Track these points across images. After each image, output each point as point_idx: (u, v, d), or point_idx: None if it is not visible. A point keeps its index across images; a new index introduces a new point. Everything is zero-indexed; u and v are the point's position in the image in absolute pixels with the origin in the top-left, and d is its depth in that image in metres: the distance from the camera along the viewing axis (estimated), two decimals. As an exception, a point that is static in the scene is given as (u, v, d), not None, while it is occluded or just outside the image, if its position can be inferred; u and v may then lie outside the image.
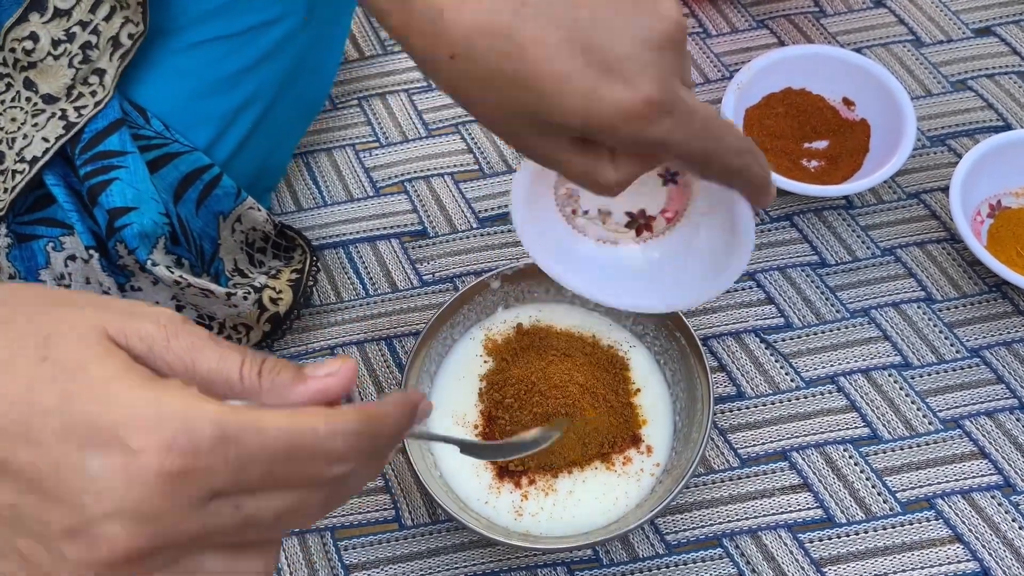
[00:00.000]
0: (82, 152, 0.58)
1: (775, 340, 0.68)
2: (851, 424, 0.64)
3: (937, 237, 0.72)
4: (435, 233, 0.74)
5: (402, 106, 0.81)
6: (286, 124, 0.71)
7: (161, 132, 0.61)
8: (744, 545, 0.60)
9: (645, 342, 0.65)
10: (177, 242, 0.61)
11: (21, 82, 0.57)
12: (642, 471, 0.60)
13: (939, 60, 0.81)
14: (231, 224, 0.65)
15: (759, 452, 0.64)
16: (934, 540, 0.60)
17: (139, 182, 0.58)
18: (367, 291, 0.72)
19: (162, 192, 0.60)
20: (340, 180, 0.77)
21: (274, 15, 0.65)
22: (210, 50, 0.63)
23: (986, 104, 0.79)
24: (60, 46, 0.57)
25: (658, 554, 0.60)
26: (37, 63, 0.57)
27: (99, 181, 0.57)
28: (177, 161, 0.61)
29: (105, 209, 0.57)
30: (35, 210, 0.59)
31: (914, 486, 0.62)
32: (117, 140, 0.58)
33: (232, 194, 0.64)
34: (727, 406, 0.65)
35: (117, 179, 0.58)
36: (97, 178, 0.57)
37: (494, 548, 0.61)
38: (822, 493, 0.62)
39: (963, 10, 0.84)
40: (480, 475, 0.60)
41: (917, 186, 0.75)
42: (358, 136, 0.80)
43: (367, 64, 0.84)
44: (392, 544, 0.61)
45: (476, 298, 0.65)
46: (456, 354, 0.64)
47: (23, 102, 0.57)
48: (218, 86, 0.63)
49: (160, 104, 0.62)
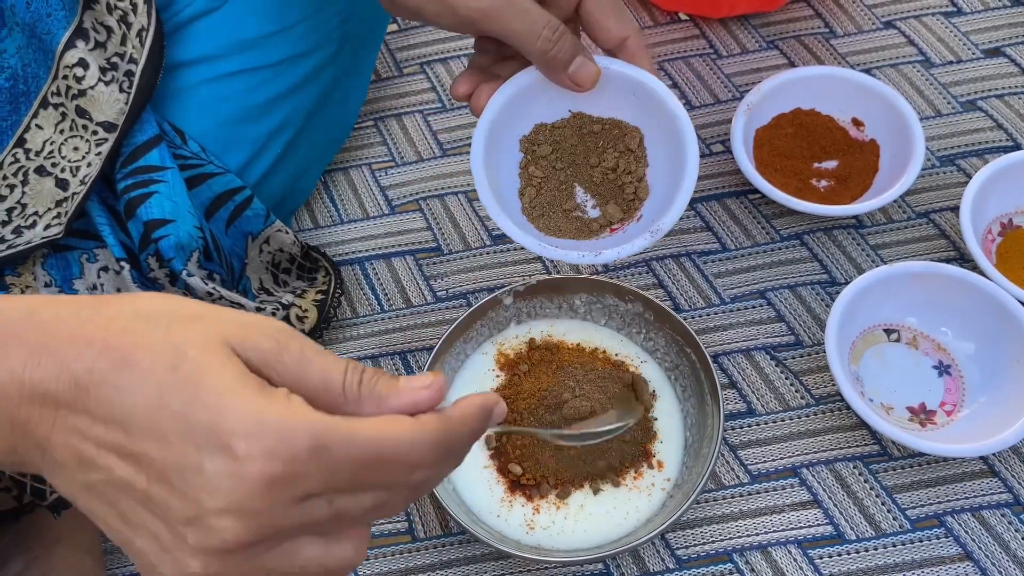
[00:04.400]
0: (122, 167, 0.60)
1: (785, 357, 0.69)
2: (861, 441, 0.65)
3: (946, 256, 0.73)
4: (449, 250, 0.76)
5: (417, 126, 0.83)
6: (314, 150, 0.74)
7: (197, 153, 0.63)
8: (754, 561, 0.61)
9: (656, 357, 0.65)
10: (209, 257, 0.62)
11: (74, 110, 0.59)
12: (653, 486, 0.60)
13: (948, 81, 0.82)
14: (259, 245, 0.67)
15: (769, 468, 0.64)
16: (944, 557, 0.60)
17: (177, 196, 0.60)
18: (382, 307, 0.73)
19: (195, 210, 0.62)
20: (356, 198, 0.79)
21: (307, 48, 0.67)
22: (245, 79, 0.65)
23: (995, 124, 0.79)
24: (108, 73, 0.59)
25: (668, 569, 0.61)
26: (87, 91, 0.59)
27: (139, 195, 0.59)
28: (211, 181, 0.63)
29: (142, 221, 0.59)
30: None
31: (924, 503, 0.62)
32: (157, 156, 0.60)
33: (262, 216, 0.66)
34: (737, 422, 0.66)
35: (156, 192, 0.59)
36: (136, 191, 0.59)
37: (506, 561, 0.61)
38: (832, 510, 0.62)
39: (973, 31, 0.85)
40: (492, 488, 0.60)
41: (926, 206, 0.75)
42: (374, 156, 0.81)
43: (384, 85, 0.86)
44: (405, 556, 0.62)
45: (489, 314, 0.66)
46: (469, 368, 0.65)
47: (81, 130, 0.59)
48: (251, 113, 0.66)
49: (196, 127, 0.64)
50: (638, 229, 0.56)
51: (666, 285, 0.73)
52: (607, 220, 0.57)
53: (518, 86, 0.56)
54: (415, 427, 0.34)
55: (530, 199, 0.58)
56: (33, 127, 0.61)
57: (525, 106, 0.56)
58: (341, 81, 0.72)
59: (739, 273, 0.73)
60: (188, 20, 0.64)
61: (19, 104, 0.61)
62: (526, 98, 0.56)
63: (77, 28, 0.59)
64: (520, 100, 0.56)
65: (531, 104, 0.56)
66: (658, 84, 0.55)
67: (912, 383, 0.66)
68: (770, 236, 0.75)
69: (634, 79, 0.55)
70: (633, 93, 0.56)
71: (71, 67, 0.59)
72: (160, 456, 0.32)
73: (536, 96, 0.56)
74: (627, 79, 0.55)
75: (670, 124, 0.55)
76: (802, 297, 0.71)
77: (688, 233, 0.75)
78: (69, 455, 0.34)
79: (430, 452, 0.35)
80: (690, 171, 0.55)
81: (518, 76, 0.56)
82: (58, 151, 0.60)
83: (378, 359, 0.70)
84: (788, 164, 0.75)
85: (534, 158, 0.58)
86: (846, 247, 0.74)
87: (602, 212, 0.58)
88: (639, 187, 0.57)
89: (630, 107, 0.57)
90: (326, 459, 0.32)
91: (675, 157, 0.56)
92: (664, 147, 0.57)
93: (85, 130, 0.59)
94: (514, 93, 0.56)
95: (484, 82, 0.56)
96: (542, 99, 0.56)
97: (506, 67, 0.56)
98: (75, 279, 0.60)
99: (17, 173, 0.60)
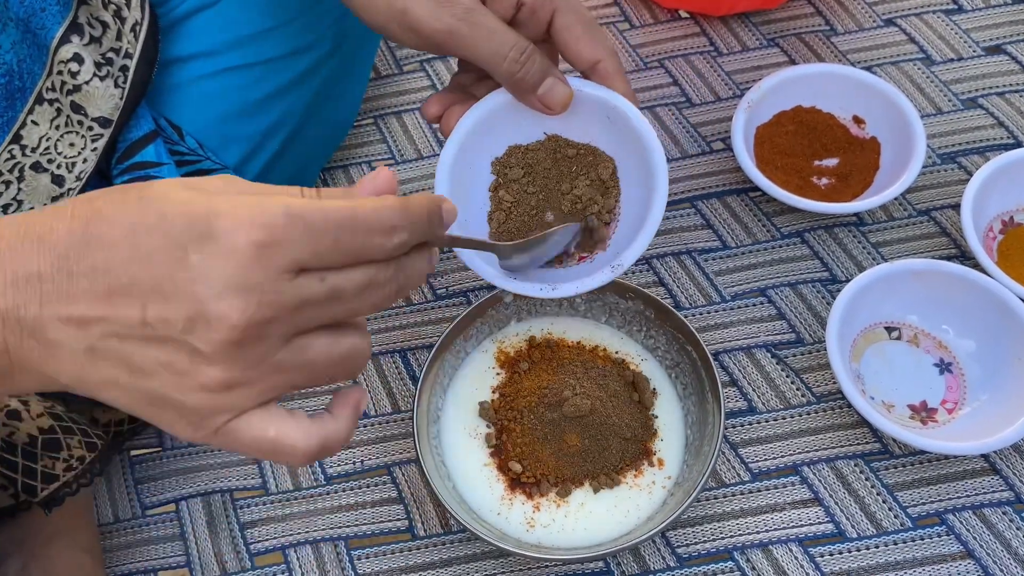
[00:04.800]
0: (118, 163, 0.59)
1: (786, 355, 0.69)
2: (862, 439, 0.65)
3: (947, 254, 0.72)
4: (449, 248, 0.75)
5: (417, 124, 0.83)
6: (312, 147, 0.73)
7: (194, 149, 0.63)
8: (755, 559, 0.60)
9: (656, 355, 0.65)
10: None
11: (68, 106, 0.59)
12: (653, 484, 0.60)
13: (949, 78, 0.82)
14: None
15: (770, 466, 0.64)
16: (945, 555, 0.60)
17: None
18: (382, 305, 0.73)
19: None
20: (356, 196, 0.79)
21: (304, 43, 0.67)
22: (242, 75, 0.65)
23: (996, 122, 0.79)
24: (103, 68, 0.59)
25: (669, 567, 0.60)
26: (82, 86, 0.59)
27: None
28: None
29: None
30: None
31: (925, 501, 0.62)
32: (153, 151, 0.60)
33: None
34: (738, 420, 0.66)
35: None
36: None
37: (506, 559, 0.61)
38: (833, 508, 0.62)
39: (973, 28, 0.85)
40: (493, 486, 0.60)
41: (927, 203, 0.75)
42: (374, 153, 0.81)
43: (383, 83, 0.85)
44: (405, 554, 0.62)
45: (489, 311, 0.66)
46: (469, 366, 0.65)
47: (76, 126, 0.59)
48: (249, 109, 0.65)
49: (193, 123, 0.64)
50: (605, 259, 0.55)
51: (667, 283, 0.72)
52: (577, 247, 0.56)
53: (489, 107, 0.54)
54: (378, 199, 0.37)
55: (499, 223, 0.56)
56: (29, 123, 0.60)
57: (497, 127, 0.55)
58: (339, 77, 0.72)
59: (740, 271, 0.73)
60: (185, 15, 0.63)
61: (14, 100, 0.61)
62: (498, 119, 0.55)
63: (71, 23, 0.59)
64: (491, 121, 0.55)
65: (503, 125, 0.55)
66: (630, 108, 0.54)
67: (913, 381, 0.65)
68: (771, 234, 0.74)
69: (607, 103, 0.54)
70: (607, 116, 0.55)
71: (66, 62, 0.59)
72: (148, 274, 0.33)
73: (508, 117, 0.55)
74: (600, 102, 0.54)
75: (642, 152, 0.54)
76: (803, 295, 0.71)
77: (689, 231, 0.75)
78: (62, 324, 0.34)
79: (396, 215, 0.37)
80: (657, 206, 0.53)
81: (489, 97, 0.55)
82: (54, 147, 0.60)
83: (378, 357, 0.70)
84: (789, 162, 0.75)
85: (505, 181, 0.56)
86: (847, 245, 0.74)
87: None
88: (608, 217, 0.56)
89: (604, 131, 0.55)
90: (303, 225, 0.34)
91: (646, 183, 0.54)
92: (636, 172, 0.55)
93: (80, 126, 0.59)
94: (484, 114, 0.55)
95: (457, 103, 0.56)
96: (514, 120, 0.55)
97: (485, 86, 0.56)
98: None
99: (13, 169, 0.60)
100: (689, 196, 0.77)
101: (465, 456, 0.61)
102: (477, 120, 0.55)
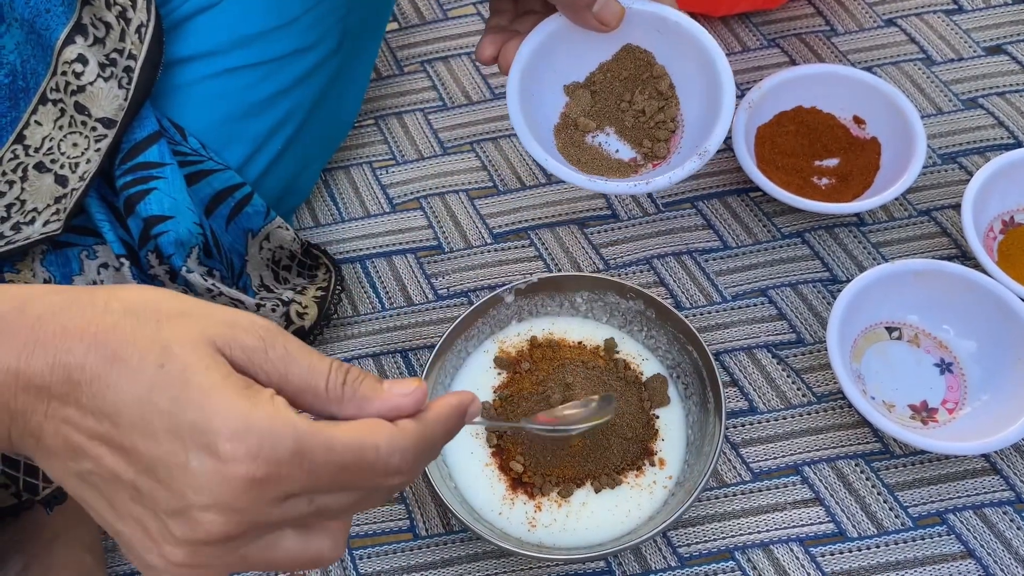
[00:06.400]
0: (121, 163, 0.60)
1: (787, 355, 0.69)
2: (863, 439, 0.65)
3: (948, 254, 0.73)
4: (450, 248, 0.76)
5: (418, 125, 0.83)
6: (314, 146, 0.73)
7: (197, 150, 0.63)
8: (756, 559, 0.61)
9: (657, 355, 0.65)
10: (209, 254, 0.62)
11: (72, 106, 0.59)
12: (654, 484, 0.60)
13: (950, 78, 0.82)
14: (259, 242, 0.67)
15: (771, 466, 0.64)
16: (946, 555, 0.60)
17: (176, 192, 0.60)
18: (383, 305, 0.73)
19: (195, 206, 0.62)
20: (357, 196, 0.79)
21: (307, 43, 0.67)
22: (245, 75, 0.65)
23: (997, 122, 0.79)
24: (107, 69, 0.59)
25: (670, 566, 0.61)
26: (86, 87, 0.59)
27: (138, 191, 0.59)
28: (211, 178, 0.63)
29: (142, 217, 0.59)
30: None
31: (926, 501, 0.62)
32: (156, 152, 0.60)
33: (262, 213, 0.66)
34: (739, 420, 0.66)
35: (155, 189, 0.59)
36: (136, 188, 0.59)
37: (507, 559, 0.61)
38: (834, 507, 0.62)
39: (974, 28, 0.85)
40: (494, 486, 0.60)
41: (928, 203, 0.75)
42: (375, 154, 0.81)
43: (384, 84, 0.86)
44: (407, 554, 0.62)
45: (490, 312, 0.66)
46: (470, 366, 0.65)
47: (80, 126, 0.59)
48: (251, 109, 0.66)
49: (196, 124, 0.64)
50: (678, 162, 0.58)
51: (667, 283, 0.73)
52: (645, 158, 0.59)
53: (544, 34, 0.57)
54: (394, 434, 0.36)
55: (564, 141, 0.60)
56: (32, 123, 0.60)
57: (555, 51, 0.58)
58: (341, 77, 0.72)
59: (740, 271, 0.73)
60: (188, 16, 0.63)
61: (18, 100, 0.61)
62: (554, 45, 0.58)
63: (76, 24, 0.59)
64: (550, 45, 0.58)
65: (560, 51, 0.58)
66: (681, 16, 0.57)
67: (914, 381, 0.66)
68: (771, 234, 0.75)
69: (656, 15, 0.57)
70: (657, 30, 0.57)
71: (70, 63, 0.59)
72: (148, 451, 0.33)
73: (562, 45, 0.58)
74: (649, 16, 0.57)
75: (698, 55, 0.57)
76: (803, 295, 0.71)
77: (689, 231, 0.75)
78: (61, 444, 0.35)
79: (407, 458, 0.36)
80: (727, 91, 0.56)
81: (542, 25, 0.57)
82: (57, 147, 0.60)
83: (379, 357, 0.70)
84: (789, 162, 0.75)
85: (575, 99, 0.60)
86: (847, 245, 0.74)
87: (637, 152, 0.59)
88: (673, 126, 0.59)
89: (656, 44, 0.58)
90: (307, 463, 0.34)
91: (707, 84, 0.57)
92: (695, 79, 0.58)
93: (84, 126, 0.59)
94: (543, 38, 0.57)
95: (509, 40, 0.58)
96: (567, 47, 0.58)
97: (524, 22, 0.58)
98: (75, 276, 0.60)
99: (16, 169, 0.60)
100: (690, 196, 0.77)
101: (466, 456, 0.61)
102: (535, 47, 0.57)
